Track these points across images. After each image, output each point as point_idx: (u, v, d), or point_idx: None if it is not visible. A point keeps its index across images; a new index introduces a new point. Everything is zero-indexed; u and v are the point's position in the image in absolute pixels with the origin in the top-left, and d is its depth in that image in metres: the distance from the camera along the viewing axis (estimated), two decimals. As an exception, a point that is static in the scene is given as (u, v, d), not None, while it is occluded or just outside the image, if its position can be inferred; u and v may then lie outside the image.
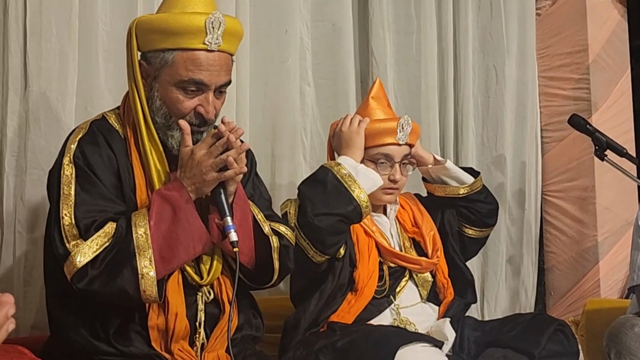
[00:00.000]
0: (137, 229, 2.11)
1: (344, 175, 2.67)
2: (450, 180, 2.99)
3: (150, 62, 2.24)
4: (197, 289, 2.27)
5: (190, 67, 2.19)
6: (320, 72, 3.45)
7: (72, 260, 2.09)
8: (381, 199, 2.85)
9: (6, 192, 2.68)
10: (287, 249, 2.39)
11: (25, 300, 2.68)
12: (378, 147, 2.80)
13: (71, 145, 2.22)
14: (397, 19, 3.64)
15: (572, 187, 3.96)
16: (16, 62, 2.68)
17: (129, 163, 2.25)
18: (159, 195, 2.17)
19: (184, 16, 2.19)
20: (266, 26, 3.29)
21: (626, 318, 3.00)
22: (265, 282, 2.38)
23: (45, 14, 2.69)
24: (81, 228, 2.12)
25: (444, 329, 2.70)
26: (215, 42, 2.19)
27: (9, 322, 1.59)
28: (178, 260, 2.16)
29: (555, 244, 4.02)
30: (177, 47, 2.19)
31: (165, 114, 2.23)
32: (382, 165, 2.80)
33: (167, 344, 2.21)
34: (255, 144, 3.23)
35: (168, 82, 2.22)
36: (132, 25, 2.26)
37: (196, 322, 2.25)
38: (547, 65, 4.08)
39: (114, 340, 2.18)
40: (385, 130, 2.80)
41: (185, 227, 2.15)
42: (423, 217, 2.96)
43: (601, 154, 3.18)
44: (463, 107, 3.84)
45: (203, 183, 2.17)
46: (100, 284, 2.09)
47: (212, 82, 2.22)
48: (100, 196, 2.18)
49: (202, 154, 2.16)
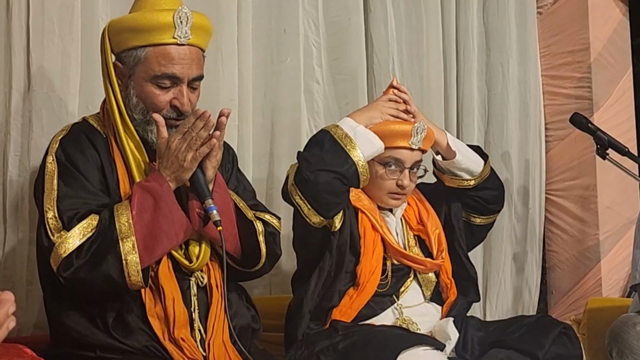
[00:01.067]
0: (119, 218, 2.16)
1: (341, 135, 2.67)
2: (460, 172, 2.93)
3: (124, 62, 2.32)
4: (188, 275, 2.31)
5: (162, 62, 2.27)
6: (327, 69, 3.44)
7: (57, 250, 2.15)
8: (387, 202, 2.83)
9: (9, 192, 2.69)
10: (273, 236, 2.44)
11: (28, 299, 2.69)
12: (389, 150, 2.76)
13: (53, 145, 2.31)
14: (400, 16, 3.64)
15: (574, 186, 3.96)
16: (19, 61, 2.69)
17: (111, 159, 2.32)
18: (140, 187, 2.22)
19: (153, 13, 2.28)
20: (267, 26, 3.29)
21: (628, 317, 3.00)
22: (253, 265, 2.41)
23: (47, 14, 2.70)
24: (64, 220, 2.18)
25: (447, 329, 2.69)
26: (184, 36, 2.27)
27: (9, 319, 1.60)
28: (162, 248, 2.21)
29: (556, 243, 4.02)
30: (149, 44, 2.27)
31: (142, 109, 2.30)
32: (391, 169, 2.78)
33: (170, 332, 2.23)
34: (254, 143, 3.25)
35: (142, 79, 2.29)
36: (104, 29, 2.34)
37: (191, 308, 2.28)
38: (548, 64, 4.08)
39: (114, 331, 2.21)
40: (398, 133, 2.76)
41: (166, 215, 2.20)
42: (429, 215, 2.91)
43: (603, 152, 3.19)
44: (466, 105, 3.84)
45: (181, 169, 2.23)
46: (85, 272, 2.14)
47: (185, 74, 2.29)
48: (82, 189, 2.25)
49: (177, 141, 2.22)
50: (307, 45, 3.39)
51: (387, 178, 2.77)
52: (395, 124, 2.78)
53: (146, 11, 2.29)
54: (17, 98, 2.69)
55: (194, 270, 2.31)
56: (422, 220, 2.90)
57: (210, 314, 2.29)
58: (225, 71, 3.10)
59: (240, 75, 3.18)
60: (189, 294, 2.29)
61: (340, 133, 2.68)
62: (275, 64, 3.31)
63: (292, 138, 3.34)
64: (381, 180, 2.79)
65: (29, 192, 2.68)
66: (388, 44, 3.57)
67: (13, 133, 2.69)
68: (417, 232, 2.90)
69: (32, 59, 2.70)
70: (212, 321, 2.29)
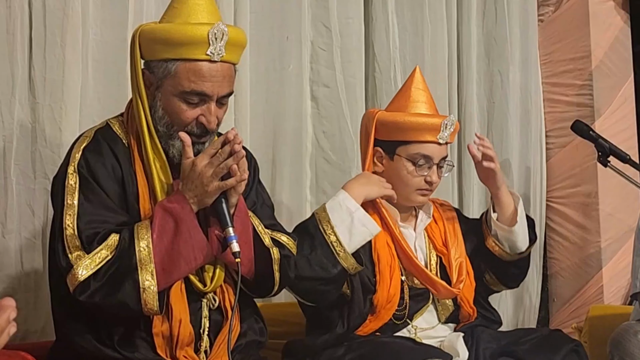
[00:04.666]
0: (139, 242, 2.12)
1: (333, 239, 2.58)
2: (505, 241, 2.82)
3: (153, 71, 2.25)
4: (201, 296, 2.28)
5: (192, 79, 2.19)
6: (329, 76, 3.46)
7: (74, 273, 2.11)
8: (415, 199, 2.76)
9: (10, 201, 2.70)
10: (288, 259, 2.39)
11: (29, 306, 2.70)
12: (418, 144, 2.69)
13: (76, 154, 2.24)
14: (401, 24, 3.65)
15: (575, 193, 3.96)
16: (22, 73, 2.71)
17: (132, 171, 2.26)
18: (162, 208, 2.17)
19: (187, 27, 2.20)
20: (267, 33, 3.30)
21: (629, 325, 2.99)
22: (265, 292, 2.39)
23: (49, 27, 2.72)
24: (83, 240, 2.14)
25: (457, 346, 2.64)
26: (218, 53, 2.19)
27: (10, 325, 1.60)
28: (179, 272, 2.18)
29: (558, 250, 4.01)
30: (180, 58, 2.19)
31: (167, 123, 2.25)
32: (420, 166, 2.71)
33: (172, 350, 2.22)
34: (256, 150, 3.25)
35: (170, 92, 2.22)
36: (135, 34, 2.27)
37: (200, 329, 2.26)
38: (550, 72, 4.08)
39: (119, 347, 2.20)
40: (428, 127, 2.69)
41: (186, 240, 2.16)
42: (456, 240, 2.81)
43: (604, 160, 3.18)
44: (467, 113, 3.84)
45: (205, 194, 2.18)
46: (102, 297, 2.11)
47: (215, 92, 2.22)
48: (103, 206, 2.20)
49: (204, 165, 2.17)
50: (313, 51, 3.40)
51: (416, 175, 2.71)
52: (425, 118, 2.71)
53: (180, 23, 2.21)
54: (20, 109, 2.71)
55: (206, 293, 2.28)
56: (446, 243, 2.81)
57: (220, 335, 2.27)
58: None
59: (239, 83, 3.17)
60: (200, 315, 2.26)
61: (332, 236, 2.59)
62: (277, 70, 3.32)
63: (295, 145, 3.34)
64: (410, 176, 2.73)
65: (31, 201, 2.70)
66: (390, 52, 3.58)
67: (16, 143, 2.70)
68: (440, 254, 2.80)
69: (35, 71, 2.71)
70: (219, 341, 2.27)
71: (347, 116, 3.45)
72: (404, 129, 2.71)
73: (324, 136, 3.44)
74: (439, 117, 2.74)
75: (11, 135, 2.69)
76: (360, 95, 3.52)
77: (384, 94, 3.57)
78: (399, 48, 3.63)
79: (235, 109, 3.15)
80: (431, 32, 3.71)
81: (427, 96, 2.80)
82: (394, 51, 3.60)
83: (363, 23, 3.55)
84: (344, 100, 3.46)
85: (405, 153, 2.71)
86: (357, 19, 3.52)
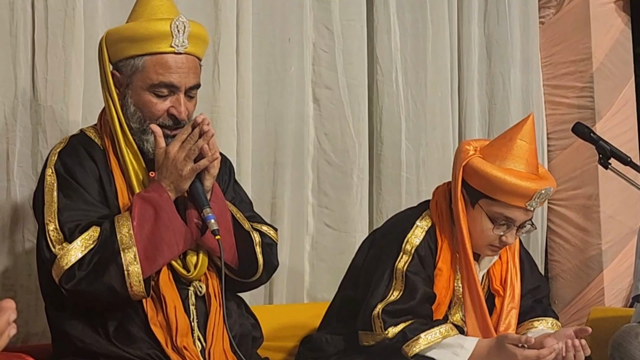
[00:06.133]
0: (120, 228, 2.18)
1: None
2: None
3: (121, 71, 2.32)
4: (187, 284, 2.31)
5: (160, 71, 2.27)
6: (331, 78, 3.46)
7: (58, 262, 2.16)
8: (483, 252, 2.59)
9: (13, 202, 2.71)
10: (270, 247, 2.44)
11: (31, 309, 2.70)
12: (503, 206, 2.47)
13: (52, 158, 2.32)
14: (403, 26, 3.65)
15: (576, 196, 3.97)
16: (24, 74, 2.71)
17: (109, 171, 2.32)
18: (140, 197, 2.23)
19: (150, 22, 2.29)
20: (269, 34, 3.30)
21: (630, 327, 3.00)
22: (250, 276, 2.41)
23: (51, 28, 2.73)
24: (65, 232, 2.19)
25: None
26: (181, 45, 2.28)
27: (10, 327, 1.61)
28: (163, 257, 2.22)
29: (559, 253, 4.02)
30: (146, 53, 2.28)
31: (139, 118, 2.31)
32: (499, 225, 2.51)
33: (173, 340, 2.24)
34: (258, 152, 3.25)
35: (140, 87, 2.29)
36: (102, 39, 2.35)
37: (190, 317, 2.29)
38: (551, 74, 4.09)
39: (116, 340, 2.22)
40: (520, 193, 2.45)
41: (167, 226, 2.21)
42: (515, 284, 2.65)
43: (605, 162, 3.17)
44: (468, 115, 3.84)
45: (180, 179, 2.24)
46: (87, 283, 2.15)
47: (182, 83, 2.29)
48: (82, 201, 2.25)
49: (176, 150, 2.23)
50: (315, 53, 3.40)
51: (491, 233, 2.52)
52: (520, 180, 2.45)
53: (143, 20, 2.31)
54: (22, 110, 2.72)
55: (192, 280, 2.31)
56: (505, 283, 2.65)
57: (209, 323, 2.30)
58: (223, 80, 3.10)
59: (241, 84, 3.18)
60: (188, 303, 2.30)
61: None
62: (279, 72, 3.32)
63: (296, 146, 3.35)
64: (486, 232, 2.53)
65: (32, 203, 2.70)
66: (392, 54, 3.58)
67: (17, 144, 2.71)
68: (494, 292, 2.67)
69: (37, 72, 2.73)
70: (210, 330, 2.29)
71: (349, 118, 3.45)
72: (493, 184, 2.47)
73: (325, 138, 3.44)
74: (535, 182, 2.48)
75: (14, 137, 2.70)
76: (362, 97, 3.52)
77: (385, 95, 3.57)
78: (401, 50, 3.63)
79: (237, 111, 3.16)
80: (433, 33, 3.71)
81: (531, 151, 2.54)
82: (396, 53, 3.60)
83: (365, 25, 3.55)
84: (346, 102, 3.46)
85: (487, 208, 2.50)
86: (359, 21, 3.52)
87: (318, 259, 3.42)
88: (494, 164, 2.49)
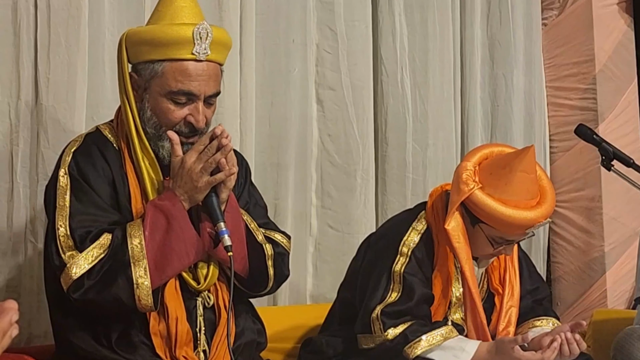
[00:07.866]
0: (132, 239, 2.15)
1: None
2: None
3: (140, 74, 2.28)
4: (196, 295, 2.29)
5: (179, 78, 2.22)
6: (335, 79, 3.45)
7: (67, 271, 2.14)
8: (481, 259, 2.65)
9: (17, 203, 2.71)
10: (282, 257, 2.41)
11: (33, 310, 2.70)
12: (504, 234, 2.53)
13: (66, 158, 2.27)
14: (408, 27, 3.64)
15: (579, 197, 3.96)
16: (27, 74, 2.71)
17: (123, 173, 2.29)
18: (153, 206, 2.20)
19: (172, 27, 2.23)
20: (273, 35, 3.30)
21: (633, 329, 2.99)
22: (260, 289, 2.40)
23: (54, 27, 2.72)
24: (76, 239, 2.17)
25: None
26: (203, 52, 2.23)
27: (12, 328, 1.61)
28: (172, 269, 2.20)
29: (562, 255, 4.01)
30: (166, 58, 2.23)
31: (155, 124, 2.27)
32: (498, 245, 2.57)
33: (172, 350, 2.23)
34: (261, 153, 3.25)
35: (158, 93, 2.25)
36: (122, 38, 2.30)
37: (197, 327, 2.27)
38: (553, 75, 4.08)
39: (117, 347, 2.21)
40: (520, 225, 2.50)
41: (178, 236, 2.18)
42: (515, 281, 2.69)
43: (608, 164, 3.17)
44: (470, 116, 3.84)
45: (195, 190, 2.21)
46: (95, 293, 2.13)
47: (201, 92, 2.25)
48: (94, 206, 2.23)
49: (193, 161, 2.20)
50: (319, 54, 3.40)
51: (491, 249, 2.58)
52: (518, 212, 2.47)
53: (165, 24, 2.25)
54: (25, 110, 2.72)
55: (201, 291, 2.29)
56: (503, 281, 2.69)
57: (216, 335, 2.28)
58: (227, 82, 3.09)
59: (244, 86, 3.18)
60: (195, 314, 2.27)
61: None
62: (283, 73, 3.32)
63: (300, 148, 3.34)
64: (485, 247, 2.59)
65: (36, 204, 2.70)
66: (397, 55, 3.58)
67: (21, 145, 2.71)
68: (493, 291, 2.71)
69: (40, 72, 2.72)
70: (216, 342, 2.28)
71: (353, 119, 3.45)
72: (495, 218, 2.50)
73: (329, 139, 3.44)
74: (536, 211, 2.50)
75: (17, 138, 2.70)
76: (367, 98, 3.52)
77: (390, 97, 3.57)
78: (407, 50, 3.62)
79: (240, 112, 3.16)
80: (438, 34, 3.71)
81: (531, 180, 2.53)
82: (402, 54, 3.59)
83: (370, 26, 3.55)
84: (350, 103, 3.46)
85: (487, 232, 2.54)
86: (364, 22, 3.52)
87: (321, 261, 3.42)
88: (494, 195, 2.50)
